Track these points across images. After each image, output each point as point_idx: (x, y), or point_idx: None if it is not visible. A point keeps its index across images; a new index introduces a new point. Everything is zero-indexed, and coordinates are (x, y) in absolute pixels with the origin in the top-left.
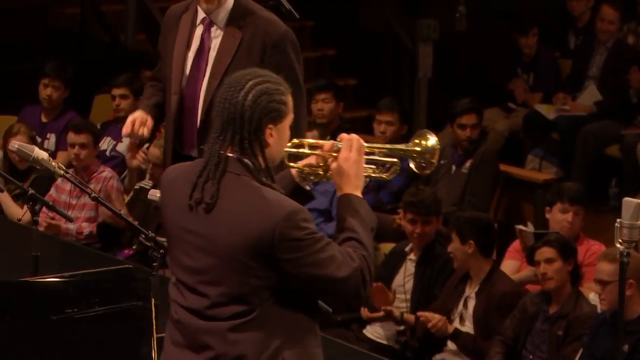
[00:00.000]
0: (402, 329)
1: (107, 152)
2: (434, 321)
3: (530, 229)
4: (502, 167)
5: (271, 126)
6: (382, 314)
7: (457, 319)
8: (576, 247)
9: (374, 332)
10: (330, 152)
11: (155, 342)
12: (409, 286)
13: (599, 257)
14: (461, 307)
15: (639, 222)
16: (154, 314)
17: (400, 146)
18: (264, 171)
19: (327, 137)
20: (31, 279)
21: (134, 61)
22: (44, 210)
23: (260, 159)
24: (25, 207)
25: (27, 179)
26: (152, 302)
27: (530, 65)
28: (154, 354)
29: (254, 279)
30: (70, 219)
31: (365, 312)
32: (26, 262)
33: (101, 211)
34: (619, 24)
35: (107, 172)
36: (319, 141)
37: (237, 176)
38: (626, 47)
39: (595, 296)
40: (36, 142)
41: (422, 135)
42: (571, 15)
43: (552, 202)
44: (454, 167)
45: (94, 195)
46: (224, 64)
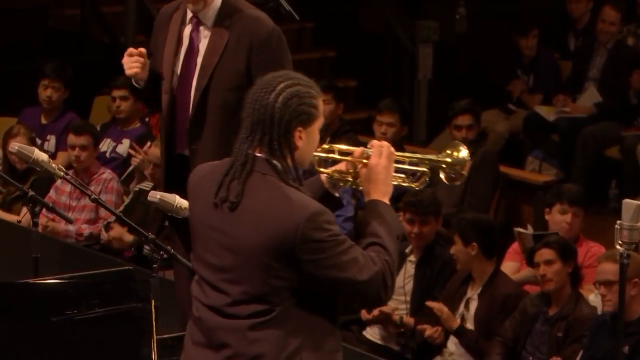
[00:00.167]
0: (401, 330)
1: (107, 154)
2: (430, 332)
3: (529, 231)
4: (502, 169)
5: (300, 129)
6: (376, 313)
7: (459, 321)
8: (576, 248)
9: (374, 334)
10: (360, 158)
11: (155, 343)
12: (409, 288)
13: (599, 258)
14: (462, 308)
15: (639, 224)
16: (154, 316)
17: (430, 156)
18: (292, 173)
19: (327, 139)
20: (31, 281)
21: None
22: (43, 211)
23: (289, 161)
24: (24, 208)
25: (26, 181)
26: (152, 303)
27: (530, 66)
28: (154, 356)
29: (275, 278)
30: (70, 221)
31: (364, 313)
32: (26, 264)
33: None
34: (620, 26)
35: (107, 174)
36: (350, 147)
37: (263, 176)
38: (626, 48)
39: (595, 297)
40: (36, 144)
41: (454, 146)
42: (571, 17)
43: (552, 204)
44: None
45: (93, 197)
46: (211, 64)
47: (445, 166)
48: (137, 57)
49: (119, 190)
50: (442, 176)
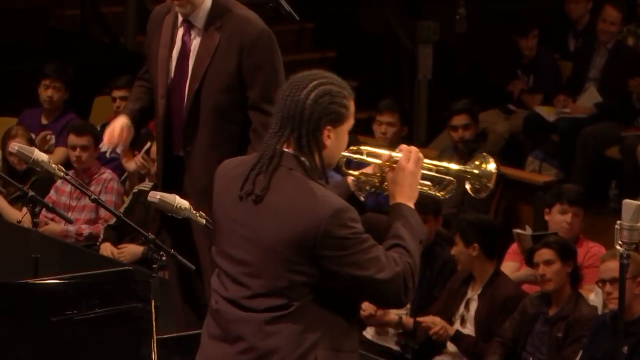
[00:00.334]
0: (400, 331)
1: (107, 154)
2: (435, 328)
3: (528, 232)
4: (502, 169)
5: (330, 128)
6: (372, 312)
7: (458, 321)
8: (575, 248)
9: (374, 334)
10: (388, 162)
11: (155, 343)
12: None
13: (603, 257)
14: (462, 309)
15: (639, 224)
16: (154, 316)
17: (458, 166)
18: (319, 171)
19: None
20: (31, 281)
21: (134, 63)
22: (43, 211)
23: (316, 159)
24: (24, 209)
25: (26, 181)
26: (152, 303)
27: (530, 67)
28: (154, 356)
29: (295, 274)
30: (70, 221)
31: (364, 314)
32: (26, 264)
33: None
34: (620, 25)
35: (107, 174)
36: (377, 150)
37: (289, 170)
38: (626, 48)
39: (595, 297)
40: (35, 144)
41: (483, 158)
42: (570, 17)
43: (551, 204)
44: None
45: (93, 197)
46: (203, 66)
47: (471, 177)
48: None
49: (119, 190)
50: (467, 187)
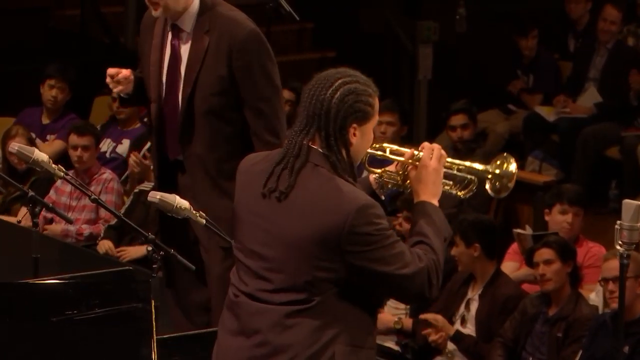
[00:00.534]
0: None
1: (107, 154)
2: (434, 337)
3: (528, 232)
4: None
5: (355, 126)
6: None
7: (459, 321)
8: (575, 248)
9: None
10: (410, 160)
11: (155, 343)
12: None
13: (606, 256)
14: (463, 309)
15: (639, 224)
16: (154, 316)
17: (480, 165)
18: (347, 168)
19: None
20: (31, 281)
21: (134, 63)
22: (43, 211)
23: (344, 156)
24: (24, 209)
25: (26, 181)
26: (152, 303)
27: (530, 67)
28: (154, 356)
29: (319, 269)
30: (70, 221)
31: None
32: (26, 264)
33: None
34: (621, 25)
35: (107, 174)
36: (400, 148)
37: (315, 167)
38: (626, 48)
39: (595, 297)
40: (35, 144)
41: (504, 158)
42: (570, 18)
43: (552, 204)
44: None
45: (93, 197)
46: (194, 71)
47: (492, 177)
48: (117, 77)
49: (119, 190)
50: (487, 187)
